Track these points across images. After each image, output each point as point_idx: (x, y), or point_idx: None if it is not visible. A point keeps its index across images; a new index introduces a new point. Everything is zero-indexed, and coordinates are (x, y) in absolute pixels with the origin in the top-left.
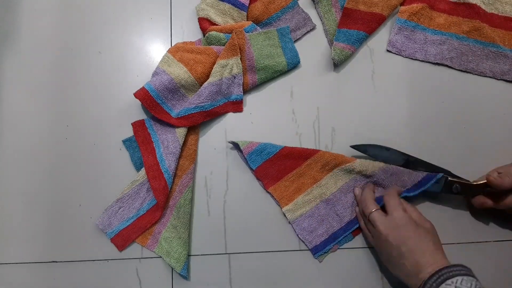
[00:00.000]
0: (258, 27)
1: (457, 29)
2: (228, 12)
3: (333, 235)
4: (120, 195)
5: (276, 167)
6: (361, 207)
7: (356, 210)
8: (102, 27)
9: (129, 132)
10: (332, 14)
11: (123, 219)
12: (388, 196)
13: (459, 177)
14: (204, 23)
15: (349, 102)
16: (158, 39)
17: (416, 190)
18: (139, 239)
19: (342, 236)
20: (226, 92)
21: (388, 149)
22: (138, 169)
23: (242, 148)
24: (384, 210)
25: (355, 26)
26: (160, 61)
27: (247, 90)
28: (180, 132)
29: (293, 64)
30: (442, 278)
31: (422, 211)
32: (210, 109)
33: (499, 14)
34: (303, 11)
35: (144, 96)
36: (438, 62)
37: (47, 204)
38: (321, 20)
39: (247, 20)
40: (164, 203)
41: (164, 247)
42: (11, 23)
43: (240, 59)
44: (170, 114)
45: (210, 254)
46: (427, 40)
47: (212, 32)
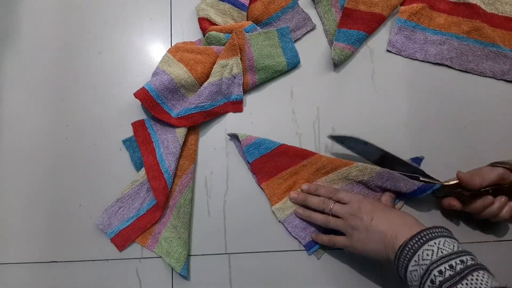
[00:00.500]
0: (258, 27)
1: (457, 29)
2: (228, 12)
3: (326, 231)
4: (120, 195)
5: (272, 163)
6: (321, 207)
7: (312, 235)
8: (102, 27)
9: (129, 132)
10: (332, 14)
11: (123, 219)
12: (338, 194)
13: (431, 177)
14: (204, 23)
15: (349, 102)
16: (158, 39)
17: (409, 198)
18: (139, 239)
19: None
20: (226, 92)
21: (365, 143)
22: (138, 169)
23: (241, 139)
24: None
25: (355, 26)
26: (160, 61)
27: (247, 90)
28: (180, 132)
29: (293, 64)
30: (424, 239)
31: None
32: (210, 109)
33: (499, 14)
34: (303, 11)
35: (144, 96)
36: (438, 62)
37: (47, 204)
38: (321, 20)
39: (247, 20)
40: (164, 203)
41: (164, 247)
42: (11, 23)
43: (240, 59)
44: (170, 114)
45: (210, 254)
46: (427, 40)
47: (212, 32)
